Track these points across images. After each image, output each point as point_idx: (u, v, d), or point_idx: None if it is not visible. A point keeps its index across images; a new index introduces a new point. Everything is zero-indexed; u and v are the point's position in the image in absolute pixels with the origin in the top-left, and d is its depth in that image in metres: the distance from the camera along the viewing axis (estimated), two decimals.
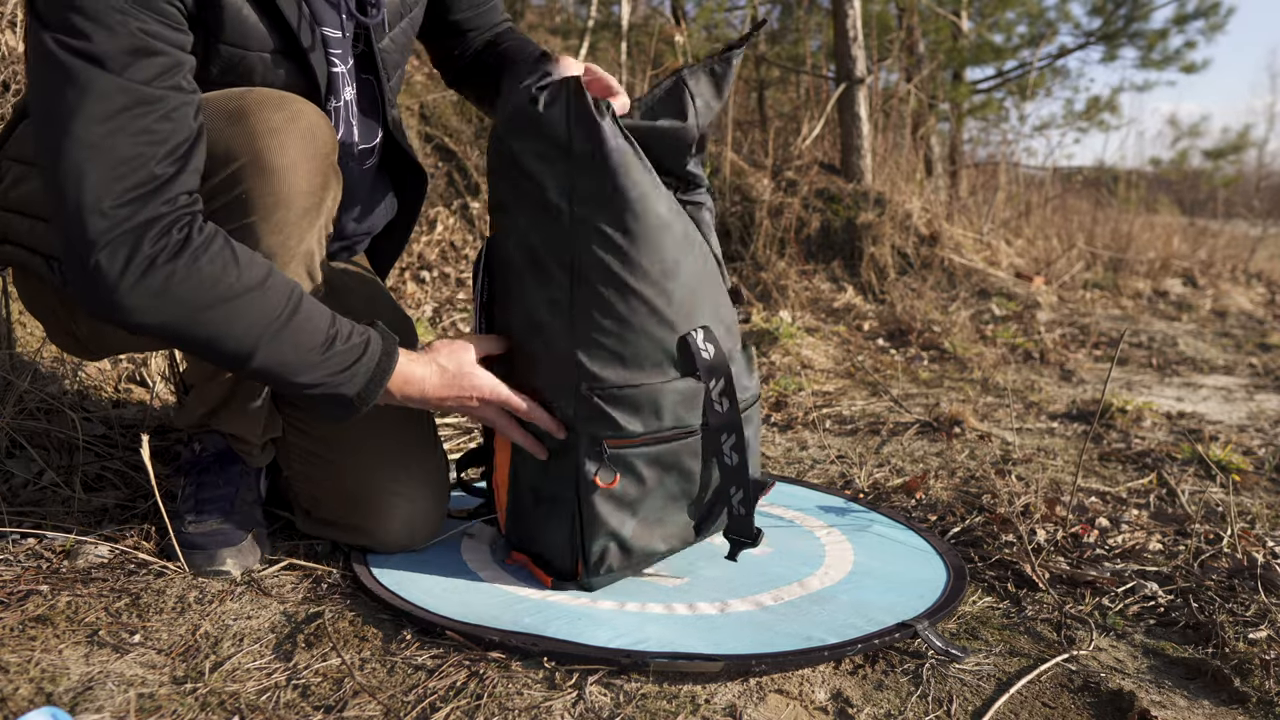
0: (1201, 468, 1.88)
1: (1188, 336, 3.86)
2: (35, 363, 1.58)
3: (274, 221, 1.00)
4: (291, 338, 0.96)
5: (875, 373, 2.77)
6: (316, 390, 0.99)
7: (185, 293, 0.90)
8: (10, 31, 1.89)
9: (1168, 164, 10.37)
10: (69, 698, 0.85)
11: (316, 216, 1.05)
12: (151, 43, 0.91)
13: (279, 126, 1.00)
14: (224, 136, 0.98)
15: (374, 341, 1.02)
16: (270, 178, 0.99)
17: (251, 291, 0.94)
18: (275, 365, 0.96)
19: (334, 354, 0.99)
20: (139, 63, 0.89)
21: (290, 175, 1.00)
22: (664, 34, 5.08)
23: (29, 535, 1.19)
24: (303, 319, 0.97)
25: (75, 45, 0.87)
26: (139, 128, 0.89)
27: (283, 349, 0.95)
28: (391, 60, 1.23)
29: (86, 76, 0.87)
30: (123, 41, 0.88)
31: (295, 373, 0.97)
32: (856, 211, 3.97)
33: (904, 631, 1.04)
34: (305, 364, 0.97)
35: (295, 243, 1.03)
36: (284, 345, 0.95)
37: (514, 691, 0.91)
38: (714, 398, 1.11)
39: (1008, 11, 7.84)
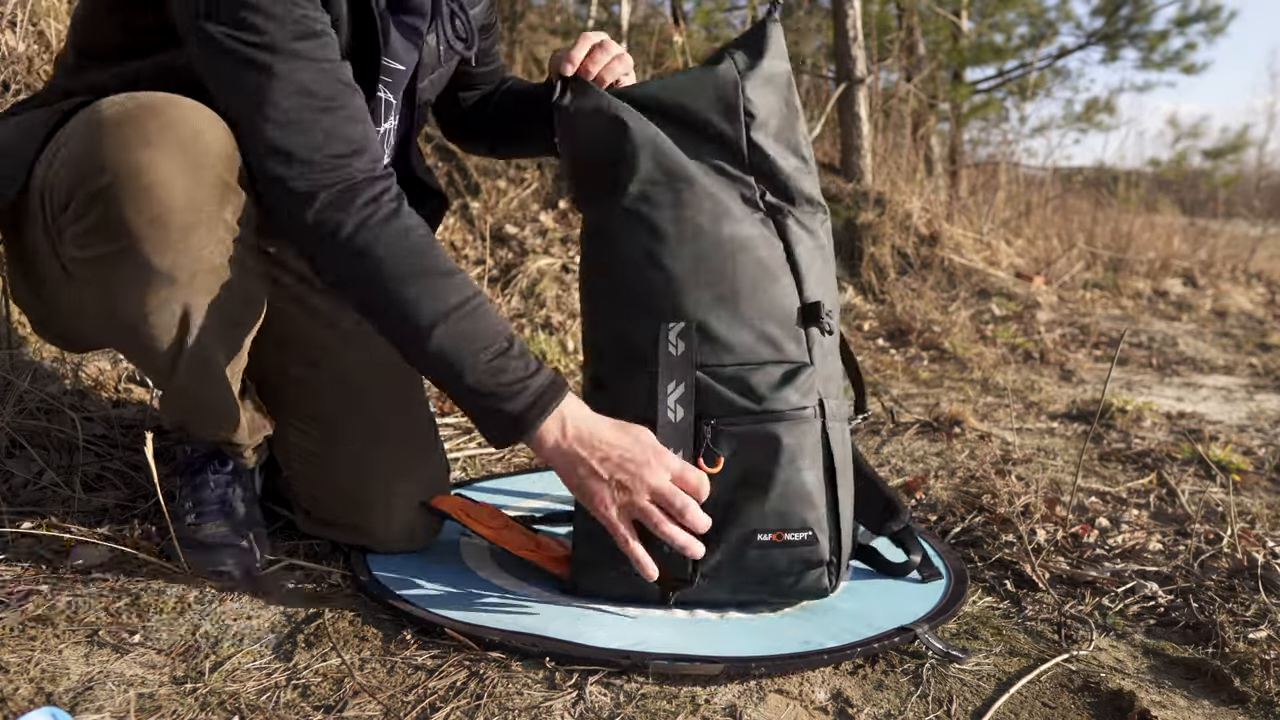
0: (1201, 468, 1.88)
1: (1188, 336, 3.85)
2: (35, 363, 1.58)
3: (152, 243, 0.92)
4: (471, 329, 0.96)
5: (875, 373, 2.77)
6: (481, 399, 0.97)
7: (388, 258, 0.95)
8: (10, 31, 1.89)
9: (1167, 164, 10.37)
10: (69, 698, 0.85)
11: (210, 230, 0.95)
12: (313, 25, 0.95)
13: (153, 137, 0.91)
14: (96, 146, 0.91)
15: (546, 370, 1.00)
16: (140, 197, 0.91)
17: (443, 275, 0.97)
18: (450, 352, 0.96)
19: (507, 361, 0.97)
20: (308, 43, 0.95)
21: (162, 192, 0.91)
22: (664, 34, 5.08)
23: (29, 535, 1.19)
24: (484, 317, 0.98)
25: (247, 39, 0.92)
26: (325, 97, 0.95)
27: (459, 339, 0.96)
28: (424, 98, 1.24)
29: (265, 61, 0.92)
30: (289, 29, 0.93)
31: (464, 369, 0.96)
32: (856, 211, 3.97)
33: (904, 636, 1.04)
34: (475, 363, 0.96)
35: (188, 261, 0.95)
36: (460, 336, 0.96)
37: (514, 691, 0.91)
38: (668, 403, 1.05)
39: (1008, 11, 7.84)
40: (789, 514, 1.04)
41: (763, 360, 1.07)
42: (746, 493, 1.04)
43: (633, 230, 1.09)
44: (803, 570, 1.06)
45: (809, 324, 1.09)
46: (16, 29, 1.90)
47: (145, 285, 0.94)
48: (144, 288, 0.95)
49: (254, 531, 1.18)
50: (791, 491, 1.04)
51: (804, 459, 1.05)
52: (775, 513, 1.04)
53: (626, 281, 1.09)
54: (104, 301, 0.98)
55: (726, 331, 1.06)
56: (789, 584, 1.07)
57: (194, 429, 1.16)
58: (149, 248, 0.92)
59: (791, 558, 1.05)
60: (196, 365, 1.02)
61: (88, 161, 0.91)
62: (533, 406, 0.97)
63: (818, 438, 1.07)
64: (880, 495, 1.20)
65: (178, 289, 0.95)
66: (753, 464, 1.04)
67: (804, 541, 1.05)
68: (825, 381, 1.10)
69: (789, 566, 1.06)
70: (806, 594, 1.09)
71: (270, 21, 0.92)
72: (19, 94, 1.84)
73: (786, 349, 1.08)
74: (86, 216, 0.92)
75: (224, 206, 0.96)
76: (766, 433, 1.04)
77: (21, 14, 1.91)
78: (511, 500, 1.45)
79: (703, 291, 1.06)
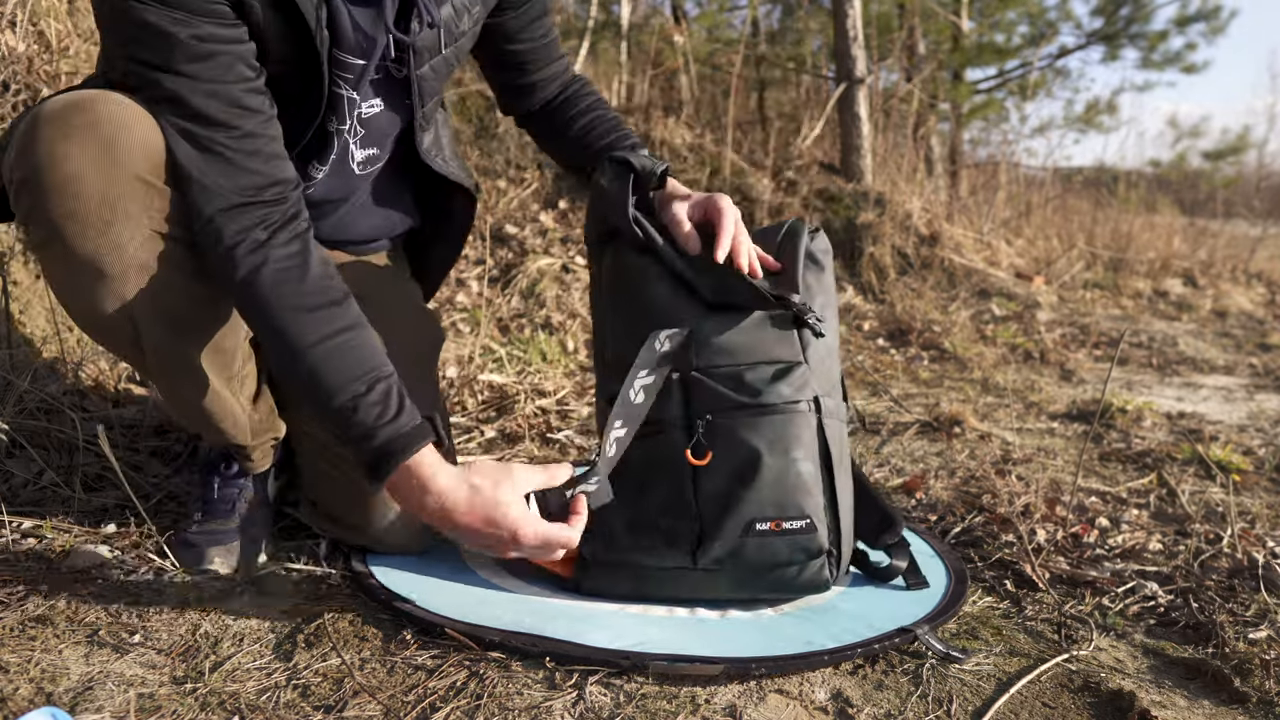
0: (1201, 468, 1.88)
1: (1188, 336, 3.85)
2: (35, 363, 1.58)
3: (69, 234, 0.93)
4: (332, 366, 0.96)
5: (875, 373, 2.77)
6: (343, 433, 0.97)
7: (246, 289, 0.96)
8: (10, 31, 1.89)
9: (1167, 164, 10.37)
10: (69, 698, 0.85)
11: (132, 227, 0.95)
12: (206, 48, 0.95)
13: (72, 132, 0.92)
14: (28, 138, 0.93)
15: (409, 414, 0.98)
16: (55, 190, 0.92)
17: (302, 311, 0.97)
18: (312, 386, 0.96)
19: (370, 398, 0.96)
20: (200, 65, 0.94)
21: (75, 185, 0.92)
22: (664, 34, 5.08)
23: (29, 535, 1.19)
24: (332, 358, 0.97)
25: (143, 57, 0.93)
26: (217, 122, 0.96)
27: (319, 375, 0.96)
28: (428, 88, 1.20)
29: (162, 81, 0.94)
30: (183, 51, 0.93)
31: (328, 398, 0.96)
32: (856, 211, 3.97)
33: (904, 636, 1.04)
34: (336, 397, 0.96)
35: (114, 257, 0.95)
36: (322, 371, 0.96)
37: (514, 691, 0.91)
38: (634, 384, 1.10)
39: (1008, 11, 7.84)
40: (786, 502, 1.06)
41: (757, 360, 1.10)
42: (743, 483, 1.06)
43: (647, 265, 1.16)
44: (804, 560, 1.07)
45: (799, 326, 1.12)
46: (16, 29, 1.90)
47: (80, 279, 0.96)
48: (80, 281, 0.96)
49: (252, 533, 1.18)
50: (788, 480, 1.06)
51: (799, 449, 1.07)
52: (772, 501, 1.06)
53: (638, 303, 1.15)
54: (58, 295, 1.01)
55: (722, 338, 1.11)
56: (790, 576, 1.08)
57: (193, 429, 1.17)
58: (68, 239, 0.93)
59: (791, 546, 1.06)
60: (162, 364, 1.02)
61: (20, 153, 0.93)
62: (380, 451, 0.96)
63: (813, 431, 1.09)
64: (876, 508, 1.20)
65: (111, 284, 0.96)
66: (748, 455, 1.06)
67: (802, 530, 1.06)
68: (822, 381, 1.12)
69: (790, 555, 1.07)
70: (808, 587, 1.09)
71: (163, 44, 0.93)
72: (19, 94, 1.84)
73: (781, 351, 1.11)
74: (19, 206, 0.95)
75: (147, 205, 0.96)
76: (760, 424, 1.07)
77: (21, 14, 1.91)
78: None
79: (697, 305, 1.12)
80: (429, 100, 1.22)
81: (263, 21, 0.98)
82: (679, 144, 3.99)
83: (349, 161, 1.19)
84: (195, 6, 0.93)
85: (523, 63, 1.32)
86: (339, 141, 1.16)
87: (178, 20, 0.92)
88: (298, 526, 1.29)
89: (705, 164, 3.95)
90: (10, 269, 1.66)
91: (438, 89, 1.23)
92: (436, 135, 1.29)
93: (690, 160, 3.95)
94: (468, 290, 2.84)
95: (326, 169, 1.17)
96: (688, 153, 3.98)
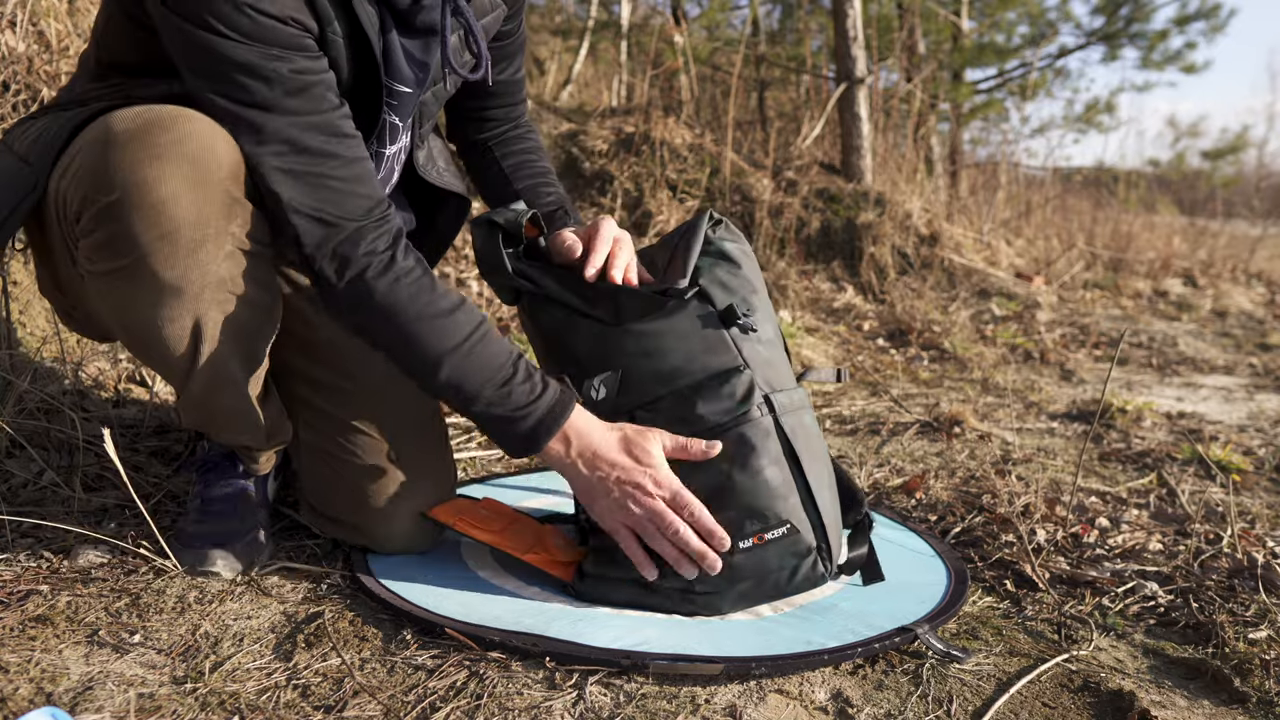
0: (1201, 468, 1.88)
1: (1188, 336, 3.86)
2: (35, 363, 1.58)
3: (161, 258, 0.93)
4: (474, 365, 1.04)
5: (875, 373, 2.77)
6: (492, 423, 1.05)
7: (385, 307, 1.01)
8: (10, 31, 1.89)
9: (1167, 164, 10.37)
10: (69, 698, 0.85)
11: (218, 244, 0.97)
12: (305, 79, 0.97)
13: (162, 152, 0.92)
14: (105, 162, 0.92)
15: (553, 389, 1.06)
16: (148, 213, 0.92)
17: (441, 317, 1.03)
18: (456, 387, 1.04)
19: (511, 389, 1.04)
20: (298, 99, 0.97)
21: (171, 208, 0.92)
22: (664, 34, 5.08)
23: (29, 535, 1.19)
24: (486, 348, 1.05)
25: (239, 97, 0.95)
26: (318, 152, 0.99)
27: (462, 375, 1.03)
28: (428, 111, 1.24)
29: (258, 122, 0.96)
30: (280, 86, 0.96)
31: (473, 400, 1.04)
32: (856, 211, 3.97)
33: (904, 636, 1.04)
34: (481, 394, 1.04)
35: (197, 275, 0.96)
36: (464, 372, 1.03)
37: (514, 691, 0.91)
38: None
39: (1008, 11, 7.84)
40: (762, 513, 1.06)
41: (696, 379, 1.09)
42: (719, 507, 1.06)
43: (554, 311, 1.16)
44: (795, 563, 1.07)
45: (728, 326, 1.12)
46: (16, 29, 1.90)
47: (154, 299, 0.96)
48: (153, 301, 0.96)
49: (252, 534, 1.18)
50: (758, 492, 1.06)
51: (762, 458, 1.07)
52: (750, 516, 1.06)
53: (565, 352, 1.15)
54: (116, 314, 1.00)
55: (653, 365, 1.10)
56: (786, 579, 1.08)
57: (212, 434, 1.17)
58: (157, 262, 0.93)
59: (780, 553, 1.07)
60: (211, 375, 1.03)
61: (97, 176, 0.92)
62: (538, 428, 1.04)
63: (773, 434, 1.09)
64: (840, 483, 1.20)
65: (186, 301, 0.96)
66: (715, 479, 1.06)
67: (785, 535, 1.07)
68: (770, 377, 1.12)
69: (780, 562, 1.07)
70: (806, 584, 1.10)
71: (260, 82, 0.94)
72: (19, 94, 1.84)
73: (715, 360, 1.10)
74: (96, 232, 0.94)
75: (231, 220, 0.97)
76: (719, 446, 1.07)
77: (21, 14, 1.91)
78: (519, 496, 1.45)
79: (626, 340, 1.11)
80: (426, 123, 1.27)
81: (340, 55, 1.02)
82: (679, 144, 3.99)
83: (389, 184, 1.25)
84: (288, 41, 0.94)
85: (490, 93, 1.38)
86: (384, 166, 1.20)
87: (274, 56, 0.94)
88: (298, 526, 1.29)
89: (705, 164, 3.95)
90: (10, 269, 1.66)
91: (435, 113, 1.28)
92: (429, 150, 1.33)
93: (690, 160, 3.95)
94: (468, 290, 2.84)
95: None
96: (688, 153, 3.98)
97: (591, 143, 3.92)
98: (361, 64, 1.05)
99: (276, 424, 1.17)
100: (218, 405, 1.08)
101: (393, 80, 1.11)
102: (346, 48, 1.03)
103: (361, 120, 1.09)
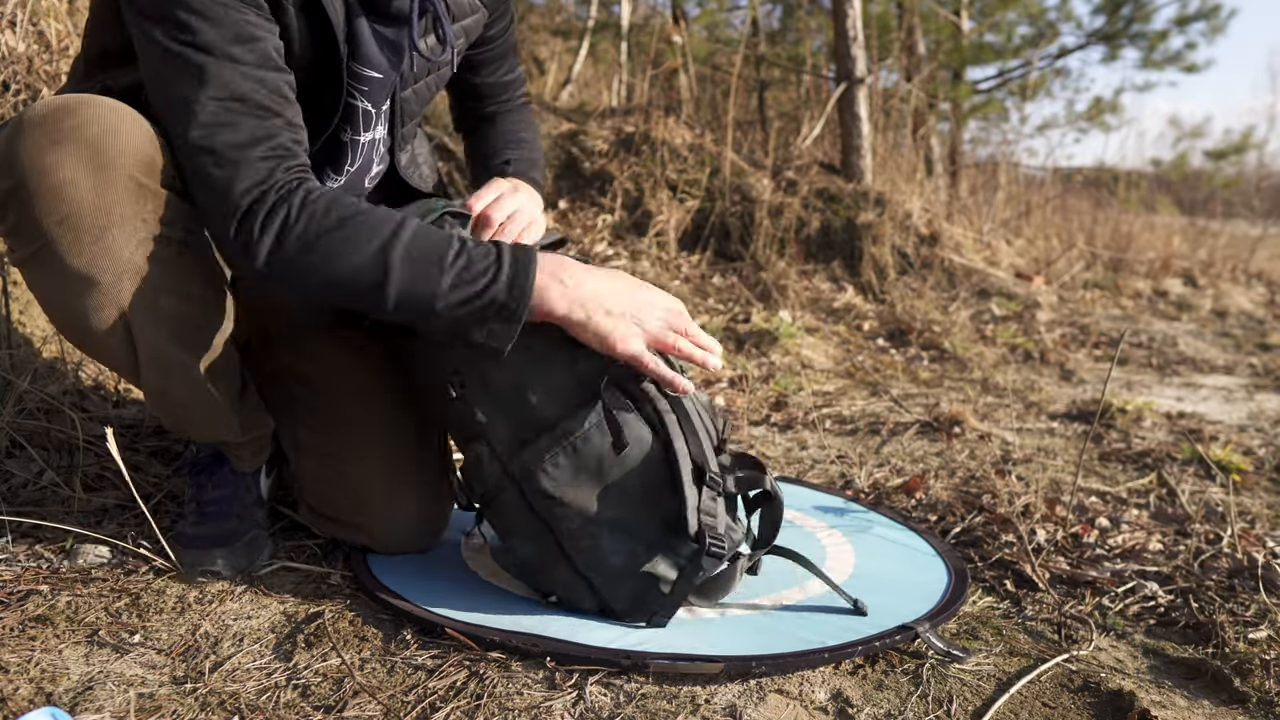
0: (1201, 468, 1.88)
1: (1188, 336, 3.86)
2: (35, 363, 1.57)
3: (65, 244, 0.92)
4: (418, 246, 0.95)
5: (875, 373, 2.77)
6: (469, 303, 0.96)
7: (323, 232, 0.94)
8: (10, 31, 1.89)
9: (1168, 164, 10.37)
10: (69, 698, 0.85)
11: (126, 231, 0.94)
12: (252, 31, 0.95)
13: (62, 136, 0.91)
14: (12, 148, 0.91)
15: (504, 245, 0.99)
16: (47, 197, 0.90)
17: (356, 215, 0.95)
18: (416, 281, 0.95)
19: (468, 257, 0.96)
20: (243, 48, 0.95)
21: (70, 191, 0.90)
22: (664, 34, 5.08)
23: (29, 535, 1.19)
24: (419, 231, 0.97)
25: (183, 38, 0.92)
26: (255, 104, 0.95)
27: (414, 262, 0.95)
28: (409, 110, 1.24)
29: (199, 61, 0.93)
30: (226, 31, 0.94)
31: (438, 284, 0.95)
32: (856, 211, 3.97)
33: (904, 634, 1.04)
34: (443, 273, 0.95)
35: (108, 263, 0.93)
36: (414, 258, 0.95)
37: (514, 691, 0.91)
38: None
39: (1008, 11, 7.84)
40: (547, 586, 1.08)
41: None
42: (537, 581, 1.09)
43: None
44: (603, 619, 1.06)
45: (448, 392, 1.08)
46: (16, 29, 1.90)
47: (74, 289, 0.94)
48: (75, 291, 0.94)
49: (251, 533, 1.18)
50: (530, 574, 1.08)
51: (514, 538, 1.08)
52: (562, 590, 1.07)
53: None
54: (48, 308, 0.99)
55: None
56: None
57: (187, 431, 1.16)
58: (63, 249, 0.92)
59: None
60: (157, 368, 1.01)
61: (4, 163, 0.92)
62: (513, 281, 0.96)
63: (520, 508, 1.05)
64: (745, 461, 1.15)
65: (105, 291, 0.94)
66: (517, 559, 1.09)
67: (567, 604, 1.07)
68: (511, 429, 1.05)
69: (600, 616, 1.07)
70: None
71: (206, 23, 0.93)
72: (19, 94, 1.84)
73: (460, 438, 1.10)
74: (7, 218, 0.93)
75: (140, 205, 0.95)
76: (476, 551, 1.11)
77: (21, 14, 1.91)
78: None
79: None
80: (409, 122, 1.27)
81: (293, 25, 1.01)
82: (679, 144, 3.99)
83: (367, 174, 1.24)
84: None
85: (483, 95, 1.43)
86: (359, 154, 1.19)
87: (223, 3, 0.93)
88: (297, 526, 1.29)
89: (705, 164, 3.95)
90: (10, 269, 1.66)
91: (418, 112, 1.29)
92: (413, 153, 1.34)
93: (690, 160, 3.95)
94: None
95: (342, 179, 1.20)
96: (688, 153, 3.98)
97: (591, 143, 3.92)
98: (323, 43, 1.04)
99: (251, 418, 1.16)
100: (176, 399, 1.06)
101: (359, 64, 1.10)
102: (303, 21, 1.02)
103: (324, 100, 1.08)
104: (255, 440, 1.20)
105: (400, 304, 0.95)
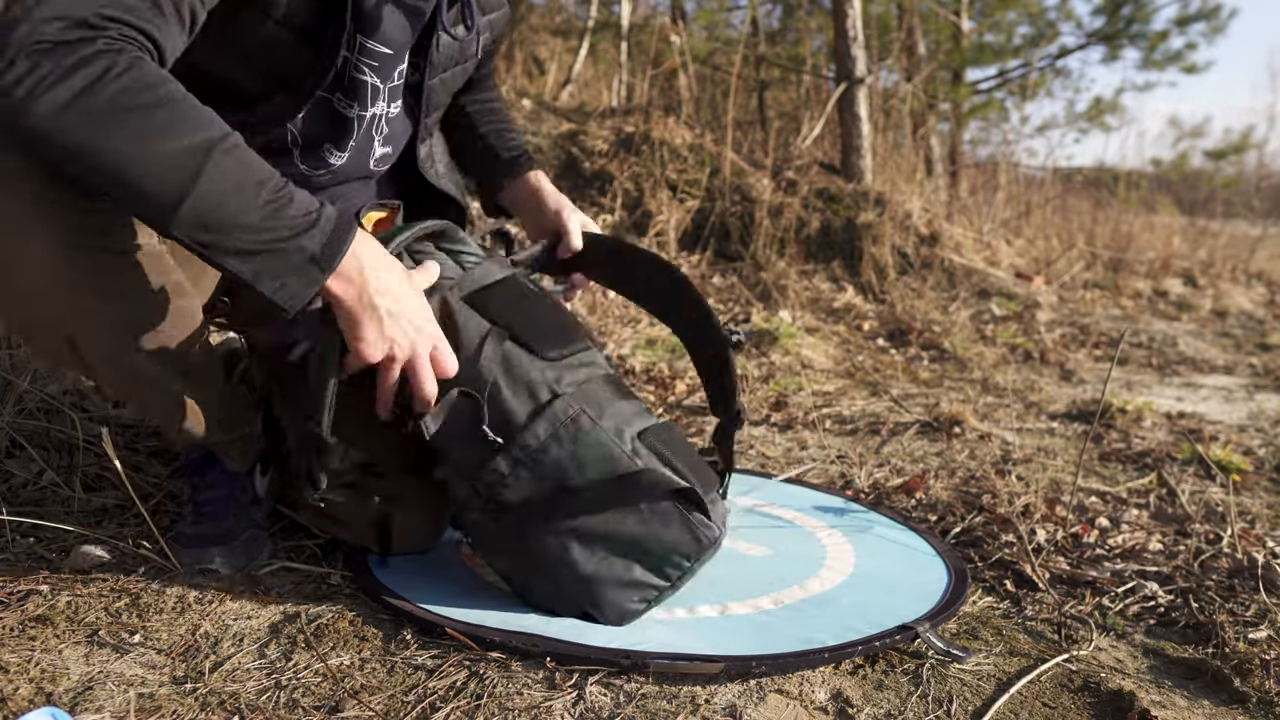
0: (1201, 468, 1.88)
1: (1188, 336, 3.86)
2: (35, 363, 1.57)
3: None
4: (244, 162, 0.83)
5: (875, 373, 2.77)
6: (273, 246, 0.83)
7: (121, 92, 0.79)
8: None
9: (1168, 164, 10.37)
10: (69, 698, 0.85)
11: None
12: None
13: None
14: None
15: (328, 205, 0.90)
16: None
17: (187, 102, 0.82)
18: (227, 197, 0.81)
19: (290, 195, 0.85)
20: None
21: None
22: (664, 34, 5.08)
23: (29, 535, 1.19)
24: (243, 152, 0.84)
25: None
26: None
27: (231, 176, 0.81)
28: (435, 100, 1.23)
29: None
30: None
31: (242, 215, 0.82)
32: (856, 211, 3.97)
33: (905, 634, 1.04)
34: (252, 206, 0.82)
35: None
36: (233, 172, 0.82)
37: (514, 691, 0.91)
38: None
39: (1008, 11, 7.84)
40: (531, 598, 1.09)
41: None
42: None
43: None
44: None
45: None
46: None
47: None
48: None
49: (249, 532, 1.18)
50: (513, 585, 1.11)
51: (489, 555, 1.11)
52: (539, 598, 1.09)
53: None
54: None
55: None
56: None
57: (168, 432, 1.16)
58: None
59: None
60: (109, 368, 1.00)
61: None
62: (329, 241, 0.86)
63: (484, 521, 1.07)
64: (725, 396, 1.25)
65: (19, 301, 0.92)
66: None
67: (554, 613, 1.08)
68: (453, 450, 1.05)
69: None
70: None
71: None
72: None
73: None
74: None
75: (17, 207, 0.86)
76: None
77: None
78: None
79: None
80: (434, 112, 1.26)
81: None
82: (679, 144, 3.99)
83: (370, 153, 1.21)
84: None
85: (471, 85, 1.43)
86: (361, 130, 1.16)
87: None
88: (297, 526, 1.29)
89: (705, 164, 3.95)
90: None
91: (443, 103, 1.26)
92: (431, 149, 1.32)
93: (690, 160, 3.95)
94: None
95: (345, 156, 1.18)
96: (688, 153, 3.98)
97: (591, 143, 3.92)
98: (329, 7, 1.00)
99: (234, 415, 1.16)
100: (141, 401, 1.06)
101: (367, 36, 1.06)
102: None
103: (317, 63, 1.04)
104: (240, 439, 1.19)
105: (192, 219, 0.81)
